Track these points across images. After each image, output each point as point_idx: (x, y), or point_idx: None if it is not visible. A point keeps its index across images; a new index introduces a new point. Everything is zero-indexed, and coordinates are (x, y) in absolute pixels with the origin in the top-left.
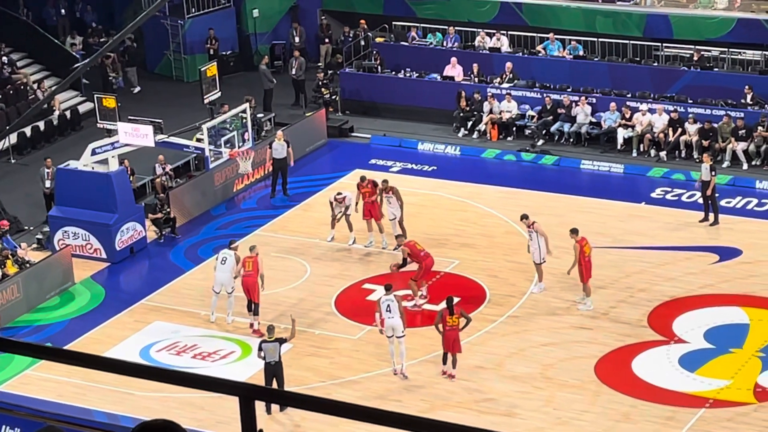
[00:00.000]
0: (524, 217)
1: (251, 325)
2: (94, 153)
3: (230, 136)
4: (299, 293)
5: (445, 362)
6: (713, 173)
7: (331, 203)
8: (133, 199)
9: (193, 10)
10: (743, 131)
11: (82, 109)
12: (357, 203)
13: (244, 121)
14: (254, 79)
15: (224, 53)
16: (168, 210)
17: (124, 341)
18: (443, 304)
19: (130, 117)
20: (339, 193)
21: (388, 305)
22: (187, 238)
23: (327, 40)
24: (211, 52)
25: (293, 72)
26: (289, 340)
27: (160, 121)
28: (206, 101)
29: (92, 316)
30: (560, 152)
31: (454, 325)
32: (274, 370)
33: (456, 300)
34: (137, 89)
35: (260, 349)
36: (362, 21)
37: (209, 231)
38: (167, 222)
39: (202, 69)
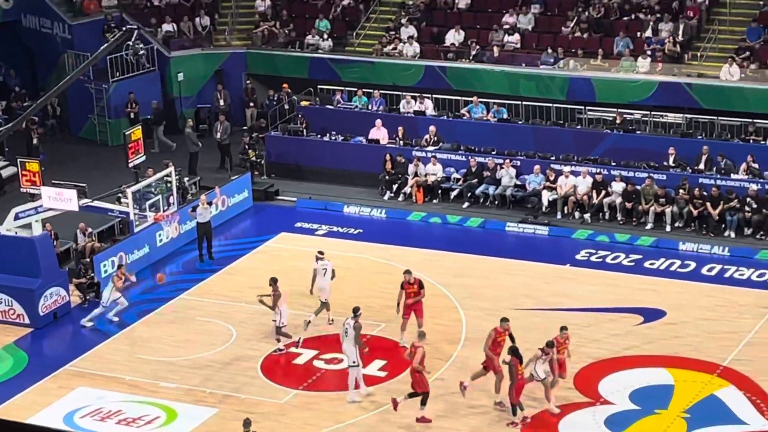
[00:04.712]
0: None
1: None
2: (17, 217)
3: (155, 199)
4: (225, 357)
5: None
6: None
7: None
8: (57, 264)
9: (118, 74)
10: (663, 199)
11: (5, 173)
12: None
13: (169, 185)
14: (179, 142)
15: (148, 117)
16: (92, 275)
17: (48, 407)
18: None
19: (54, 181)
20: (321, 253)
21: (346, 329)
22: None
23: (252, 104)
24: (132, 115)
25: (218, 135)
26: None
27: (84, 185)
28: (131, 165)
29: (16, 381)
30: (486, 215)
31: (522, 373)
32: None
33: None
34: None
35: None
36: (285, 84)
37: (134, 295)
38: (91, 287)
39: (126, 133)
